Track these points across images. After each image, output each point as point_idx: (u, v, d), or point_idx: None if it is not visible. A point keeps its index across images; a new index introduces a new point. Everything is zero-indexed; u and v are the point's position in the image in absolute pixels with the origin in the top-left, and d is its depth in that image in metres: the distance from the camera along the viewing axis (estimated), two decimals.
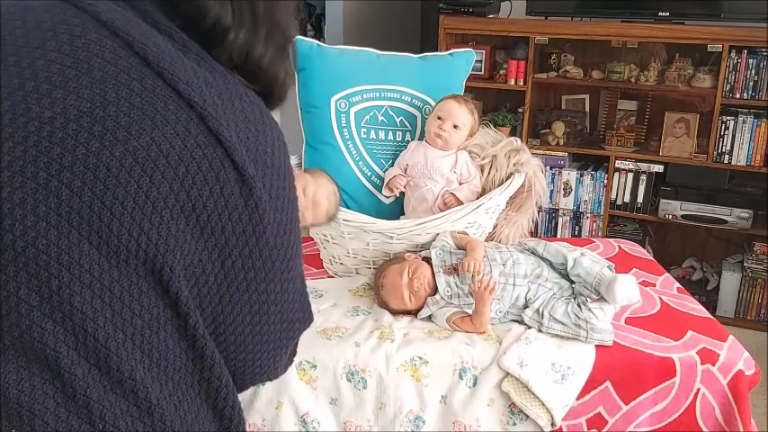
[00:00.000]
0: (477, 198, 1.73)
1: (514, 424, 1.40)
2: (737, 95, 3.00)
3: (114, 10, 0.64)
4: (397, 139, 1.87)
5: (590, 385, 1.41)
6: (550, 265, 1.61)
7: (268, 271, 0.70)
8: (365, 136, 1.86)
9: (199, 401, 0.69)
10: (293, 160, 1.90)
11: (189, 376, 0.68)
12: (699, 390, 1.43)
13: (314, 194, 1.57)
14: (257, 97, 0.72)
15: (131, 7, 0.65)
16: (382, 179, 1.83)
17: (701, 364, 1.43)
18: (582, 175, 3.33)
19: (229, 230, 0.66)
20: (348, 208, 1.76)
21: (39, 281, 0.60)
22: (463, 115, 1.76)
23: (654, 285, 1.79)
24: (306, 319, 0.82)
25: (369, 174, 1.86)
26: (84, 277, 0.61)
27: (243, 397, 1.39)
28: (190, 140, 0.63)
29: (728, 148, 3.05)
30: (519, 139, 1.85)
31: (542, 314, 1.50)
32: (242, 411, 0.76)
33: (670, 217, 3.20)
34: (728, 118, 3.03)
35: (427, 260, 1.60)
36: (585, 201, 3.34)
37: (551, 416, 1.38)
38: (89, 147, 0.60)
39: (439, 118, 1.76)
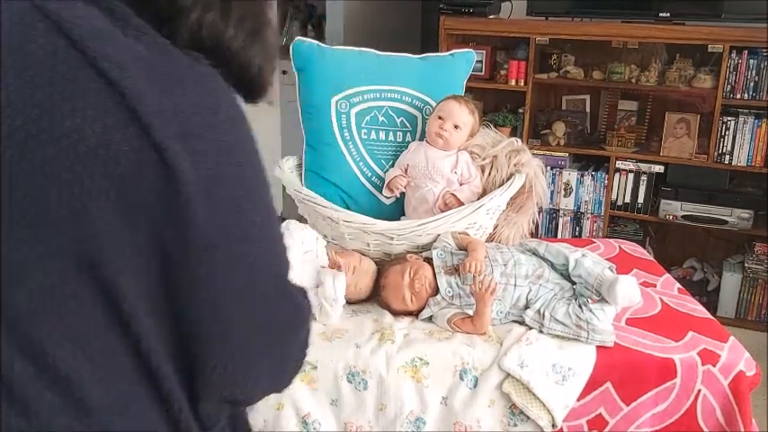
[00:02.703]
0: (478, 199, 1.73)
1: (515, 425, 1.40)
2: (738, 96, 3.00)
3: None
4: (398, 140, 1.87)
5: (591, 386, 1.41)
6: (551, 265, 1.61)
7: (211, 261, 0.64)
8: (366, 136, 1.86)
9: (146, 407, 0.66)
10: (293, 161, 1.90)
11: (136, 382, 0.65)
12: (700, 390, 1.43)
13: (366, 269, 1.63)
14: (210, 74, 0.67)
15: None
16: (383, 180, 1.83)
17: (702, 364, 1.43)
18: (582, 176, 3.33)
19: (157, 216, 0.61)
20: (348, 209, 1.76)
21: None
22: (464, 115, 1.76)
23: (654, 286, 1.79)
24: (293, 317, 0.75)
25: (369, 174, 1.85)
26: (18, 272, 0.59)
27: None
28: (110, 120, 0.60)
29: (729, 148, 3.05)
30: (519, 140, 1.84)
31: (543, 315, 1.50)
32: (208, 420, 0.71)
33: (670, 217, 3.20)
34: (729, 118, 3.03)
35: (428, 261, 1.60)
36: (586, 201, 3.34)
37: (552, 417, 1.38)
38: (17, 137, 0.59)
39: (440, 118, 1.76)
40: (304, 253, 1.57)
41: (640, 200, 3.25)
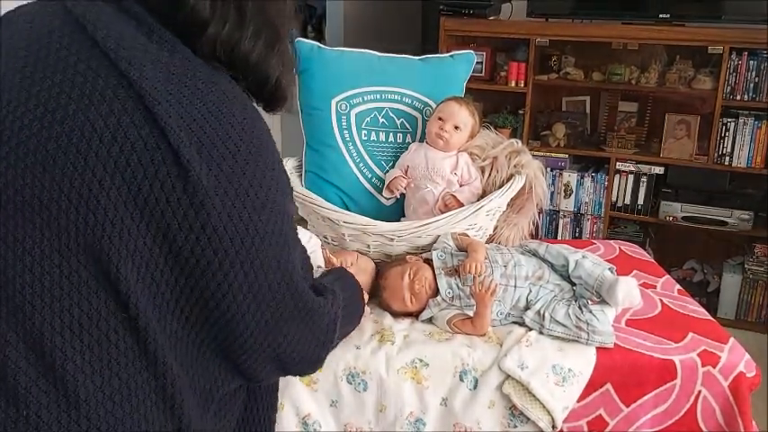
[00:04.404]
0: (478, 200, 1.73)
1: (515, 426, 1.40)
2: (738, 97, 3.01)
3: None
4: (398, 141, 1.87)
5: (591, 387, 1.41)
6: (551, 266, 1.61)
7: (222, 260, 0.67)
8: (366, 138, 1.86)
9: (150, 402, 0.67)
10: (293, 162, 1.90)
11: (138, 374, 0.66)
12: (700, 392, 1.43)
13: (363, 268, 1.61)
14: (228, 82, 0.70)
15: None
16: (383, 181, 1.83)
17: (702, 366, 1.43)
18: (582, 177, 3.33)
19: (169, 215, 0.64)
20: (348, 210, 1.76)
21: None
22: (464, 116, 1.76)
23: (654, 287, 1.79)
24: (301, 310, 0.77)
25: (369, 176, 1.86)
26: (26, 259, 0.62)
27: None
28: (125, 119, 0.62)
29: (729, 149, 3.06)
30: (519, 141, 1.84)
31: (543, 316, 1.50)
32: (211, 416, 0.73)
33: (671, 219, 3.20)
34: (729, 120, 3.03)
35: (428, 262, 1.60)
36: (586, 202, 3.34)
37: (552, 418, 1.38)
38: (31, 129, 0.62)
39: (440, 119, 1.76)
40: None
41: (640, 201, 3.25)
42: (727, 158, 3.06)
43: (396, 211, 1.84)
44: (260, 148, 0.69)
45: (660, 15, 3.11)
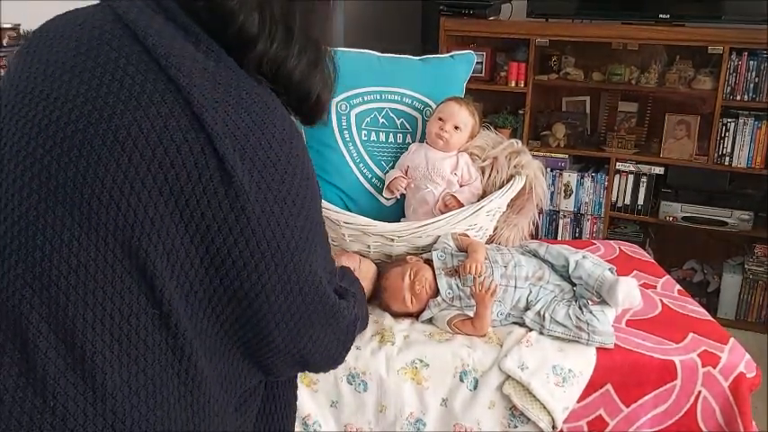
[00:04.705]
0: (478, 200, 1.73)
1: (515, 426, 1.40)
2: (738, 97, 3.01)
3: (134, 4, 0.69)
4: (398, 141, 1.87)
5: (591, 387, 1.41)
6: (552, 267, 1.61)
7: (258, 262, 0.69)
8: (366, 138, 1.86)
9: (173, 399, 0.68)
10: None
11: (165, 371, 0.67)
12: (700, 392, 1.43)
13: (365, 272, 1.61)
14: (269, 95, 0.73)
15: (157, 3, 0.70)
16: (383, 181, 1.83)
17: (702, 366, 1.43)
18: (582, 177, 3.33)
19: (210, 217, 0.66)
20: (348, 210, 1.76)
21: (26, 250, 0.63)
22: (464, 116, 1.76)
23: (655, 287, 1.79)
24: (327, 312, 0.79)
25: (369, 176, 1.85)
26: (63, 250, 0.63)
27: None
28: (172, 122, 0.64)
29: (729, 150, 3.06)
30: (519, 141, 1.84)
31: (543, 316, 1.50)
32: (236, 416, 0.75)
33: (671, 219, 3.20)
34: (729, 120, 3.03)
35: (428, 262, 1.60)
36: (586, 202, 3.34)
37: (552, 418, 1.38)
38: (77, 125, 0.64)
39: (440, 119, 1.76)
40: None
41: (640, 201, 3.25)
42: (727, 158, 3.06)
43: (396, 212, 1.84)
44: (297, 158, 0.72)
45: (660, 15, 3.11)
